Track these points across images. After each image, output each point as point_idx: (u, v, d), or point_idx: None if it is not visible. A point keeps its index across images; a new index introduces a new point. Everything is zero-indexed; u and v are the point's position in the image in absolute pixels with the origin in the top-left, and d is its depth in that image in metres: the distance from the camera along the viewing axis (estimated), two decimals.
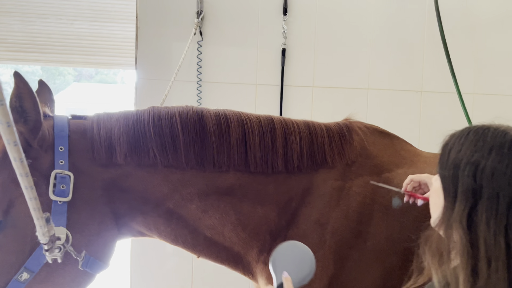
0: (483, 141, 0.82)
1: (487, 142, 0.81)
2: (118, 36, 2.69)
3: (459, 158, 0.83)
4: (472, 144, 0.83)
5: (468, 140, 0.84)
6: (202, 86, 2.42)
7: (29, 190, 0.80)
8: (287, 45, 2.48)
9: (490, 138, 0.82)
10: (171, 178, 1.24)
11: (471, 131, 0.86)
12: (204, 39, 2.42)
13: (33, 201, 0.84)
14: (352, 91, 2.56)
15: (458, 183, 0.82)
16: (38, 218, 0.89)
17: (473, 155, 0.81)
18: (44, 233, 0.94)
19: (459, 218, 0.80)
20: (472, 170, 0.80)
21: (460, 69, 2.53)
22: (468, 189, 0.80)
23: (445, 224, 0.83)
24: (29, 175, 0.78)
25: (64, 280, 1.16)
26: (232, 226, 1.29)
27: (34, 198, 0.83)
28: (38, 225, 0.91)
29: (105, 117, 1.25)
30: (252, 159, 1.28)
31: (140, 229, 1.28)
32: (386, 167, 1.39)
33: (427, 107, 2.62)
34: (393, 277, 1.30)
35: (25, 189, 0.80)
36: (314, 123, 1.40)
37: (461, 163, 0.82)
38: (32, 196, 0.82)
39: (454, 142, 0.87)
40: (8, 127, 0.66)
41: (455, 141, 0.87)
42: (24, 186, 0.79)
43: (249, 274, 1.38)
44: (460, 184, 0.82)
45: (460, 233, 0.79)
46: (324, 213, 1.30)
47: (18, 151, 0.72)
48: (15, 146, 0.70)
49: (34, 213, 0.87)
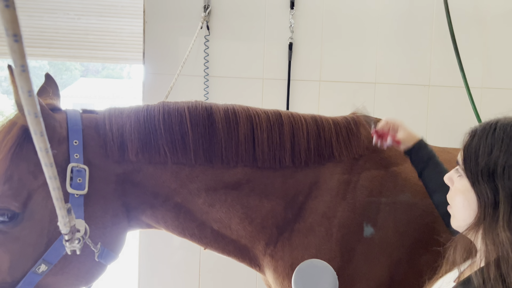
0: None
1: None
2: (125, 31, 2.70)
3: (493, 162, 0.80)
4: (505, 144, 0.79)
5: (496, 140, 0.80)
6: (209, 80, 2.43)
7: (53, 180, 0.81)
8: (294, 39, 2.48)
9: None
10: (180, 174, 1.26)
11: (496, 128, 0.82)
12: (211, 34, 2.42)
13: (56, 191, 0.84)
14: (360, 85, 2.56)
15: (498, 189, 0.79)
16: (60, 208, 0.90)
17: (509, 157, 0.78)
18: (65, 223, 0.95)
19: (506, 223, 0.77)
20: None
21: (469, 63, 2.51)
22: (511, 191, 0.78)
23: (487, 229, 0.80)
24: (54, 165, 0.79)
25: (79, 271, 1.18)
26: (239, 220, 1.30)
27: (57, 188, 0.84)
28: (60, 215, 0.92)
29: (116, 112, 1.26)
30: (260, 155, 1.29)
31: (148, 222, 1.30)
32: (393, 160, 1.39)
33: (435, 102, 2.61)
34: (401, 270, 1.31)
35: (49, 179, 0.80)
36: (322, 117, 1.41)
37: (498, 168, 0.79)
38: (56, 186, 0.83)
39: (479, 143, 0.83)
40: (35, 117, 0.66)
41: (480, 142, 0.83)
42: (48, 176, 0.79)
43: (256, 267, 1.39)
44: (501, 190, 0.78)
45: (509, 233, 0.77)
46: (331, 206, 1.31)
47: (44, 141, 0.72)
48: (42, 137, 0.70)
49: (57, 203, 0.88)
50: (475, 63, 2.61)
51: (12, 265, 1.10)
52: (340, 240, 1.28)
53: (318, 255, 1.28)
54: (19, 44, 0.54)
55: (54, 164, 0.79)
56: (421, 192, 1.35)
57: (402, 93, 2.59)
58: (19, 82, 0.59)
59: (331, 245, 1.28)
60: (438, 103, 2.61)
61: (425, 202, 1.32)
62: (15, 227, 1.10)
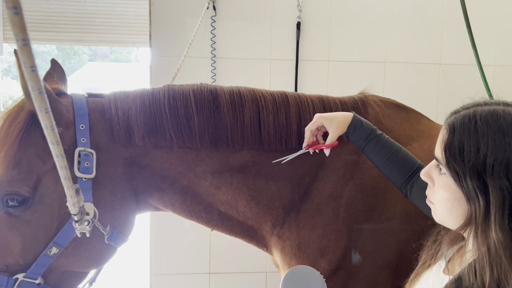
0: (502, 133, 0.74)
1: (508, 134, 0.74)
2: (131, 14, 2.68)
3: (481, 160, 0.75)
4: (490, 138, 0.74)
5: (480, 135, 0.75)
6: (217, 62, 2.41)
7: (60, 158, 0.81)
8: (302, 19, 2.44)
9: (506, 128, 0.74)
10: (186, 158, 1.26)
11: (476, 122, 0.77)
12: (217, 14, 2.39)
13: (64, 170, 0.84)
14: (369, 64, 2.52)
15: (488, 188, 0.74)
16: (68, 187, 0.90)
17: (497, 154, 0.73)
18: (74, 203, 0.96)
19: (498, 226, 0.73)
20: (503, 171, 0.73)
21: (481, 40, 2.45)
22: (502, 190, 0.73)
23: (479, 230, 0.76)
24: (60, 143, 0.78)
25: (89, 254, 1.20)
26: (246, 202, 1.31)
27: (64, 167, 0.84)
28: (68, 195, 0.93)
29: (121, 96, 1.26)
30: (266, 137, 1.28)
31: (156, 204, 1.31)
32: (402, 140, 1.38)
33: (446, 80, 2.56)
34: (408, 251, 1.31)
35: (56, 157, 0.80)
36: (329, 97, 1.39)
37: (487, 167, 0.74)
38: (63, 165, 0.83)
39: (462, 140, 0.77)
40: (39, 93, 0.65)
41: (463, 139, 0.78)
42: (55, 154, 0.80)
43: (264, 247, 1.41)
44: (491, 189, 0.74)
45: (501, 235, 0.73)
46: (338, 187, 1.30)
47: (49, 118, 0.71)
48: (47, 114, 0.69)
49: (64, 182, 0.88)
50: (488, 40, 2.55)
51: (24, 247, 1.13)
52: (347, 220, 1.28)
53: (324, 235, 1.28)
54: (19, 16, 0.53)
55: (60, 142, 0.78)
56: None
57: (413, 72, 2.55)
58: (21, 57, 0.57)
59: (338, 225, 1.28)
60: (449, 81, 2.56)
61: None
62: (26, 210, 1.12)
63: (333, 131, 1.16)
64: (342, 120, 1.16)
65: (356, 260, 1.29)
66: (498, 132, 0.74)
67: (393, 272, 1.31)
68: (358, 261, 1.29)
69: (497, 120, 0.75)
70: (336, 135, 1.17)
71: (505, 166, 0.73)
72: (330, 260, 1.27)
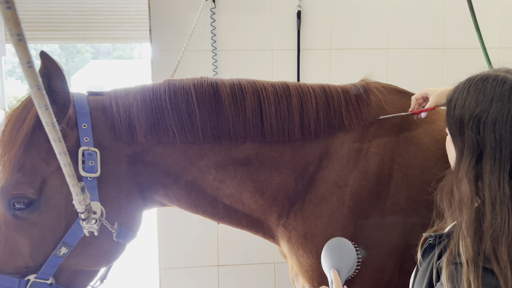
0: (484, 93, 0.86)
1: (487, 94, 0.85)
2: (132, 10, 2.68)
3: (463, 113, 0.87)
4: (474, 97, 0.86)
5: (469, 94, 0.88)
6: (218, 54, 2.40)
7: (63, 156, 0.80)
8: (302, 7, 2.42)
9: (489, 90, 0.85)
10: (189, 153, 1.26)
11: (471, 84, 0.89)
12: (217, 6, 2.38)
13: (67, 167, 0.84)
14: (372, 51, 2.49)
15: (464, 137, 0.87)
16: (73, 185, 0.90)
17: (475, 109, 0.85)
18: (80, 201, 0.96)
19: (465, 170, 0.85)
20: (475, 124, 0.85)
21: (485, 22, 2.42)
22: (473, 142, 0.85)
23: (455, 176, 0.88)
24: (62, 140, 0.78)
25: (98, 252, 1.21)
26: (250, 194, 1.31)
27: (68, 165, 0.84)
28: (74, 193, 0.93)
29: (122, 93, 1.26)
30: (268, 129, 1.28)
31: (162, 200, 1.31)
32: (405, 126, 1.37)
33: (450, 65, 2.53)
34: (415, 236, 1.30)
35: (59, 155, 0.80)
36: (330, 86, 1.38)
37: (465, 118, 0.87)
38: (66, 162, 0.83)
39: (458, 97, 0.90)
40: (38, 90, 0.64)
41: (458, 95, 0.90)
42: (58, 152, 0.79)
43: (271, 238, 1.41)
44: (466, 139, 0.86)
45: (466, 183, 0.84)
46: (342, 175, 1.30)
47: (50, 115, 0.70)
48: (47, 110, 0.69)
49: (69, 180, 0.88)
50: (491, 23, 2.51)
51: (34, 249, 1.14)
52: (353, 208, 1.28)
53: (330, 224, 1.28)
54: (12, 11, 0.52)
55: (62, 139, 0.78)
56: (434, 157, 1.33)
57: (416, 57, 2.52)
58: (17, 53, 0.57)
59: (344, 213, 1.28)
60: (453, 66, 2.53)
61: (438, 167, 1.30)
62: (33, 212, 1.13)
63: (432, 99, 1.31)
64: (442, 92, 1.30)
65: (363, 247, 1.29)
66: (482, 92, 0.86)
67: (400, 258, 1.31)
68: (364, 249, 1.29)
69: (486, 84, 0.87)
70: (434, 102, 1.31)
71: (478, 120, 0.85)
72: None
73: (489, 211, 0.81)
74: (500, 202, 0.81)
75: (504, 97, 0.83)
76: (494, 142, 0.83)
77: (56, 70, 1.07)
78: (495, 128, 0.83)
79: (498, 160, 0.82)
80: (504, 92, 0.84)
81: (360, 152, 1.32)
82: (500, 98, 0.83)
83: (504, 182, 0.81)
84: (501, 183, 0.81)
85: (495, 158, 0.82)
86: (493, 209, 0.81)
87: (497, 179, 0.82)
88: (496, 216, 0.80)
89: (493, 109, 0.83)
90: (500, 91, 0.84)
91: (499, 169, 0.82)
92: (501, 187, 0.81)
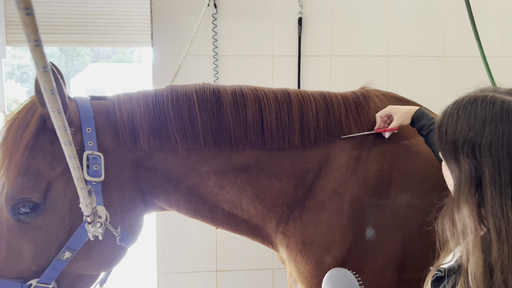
0: (475, 117, 0.82)
1: (479, 117, 0.82)
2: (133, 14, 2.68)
3: (456, 138, 0.84)
4: (465, 121, 0.83)
5: (460, 118, 0.84)
6: (219, 60, 2.41)
7: (73, 159, 0.81)
8: (303, 14, 2.43)
9: (480, 112, 0.82)
10: (190, 159, 1.27)
11: (460, 107, 0.86)
12: (218, 12, 2.39)
13: (77, 170, 0.85)
14: (372, 59, 2.51)
15: (460, 164, 0.83)
16: (81, 188, 0.91)
17: (468, 134, 0.82)
18: (87, 204, 0.96)
19: (465, 197, 0.81)
20: (470, 149, 0.81)
21: (485, 31, 2.43)
22: (470, 168, 0.81)
23: (456, 205, 0.84)
24: (72, 144, 0.79)
25: (101, 256, 1.21)
26: (250, 200, 1.31)
27: (77, 168, 0.84)
28: (81, 196, 0.94)
29: (125, 98, 1.26)
30: (268, 136, 1.29)
31: (162, 205, 1.32)
32: (404, 134, 1.38)
33: (450, 73, 2.55)
34: (414, 243, 1.30)
35: (69, 158, 0.81)
36: (331, 93, 1.39)
37: (459, 144, 0.83)
38: (76, 165, 0.83)
39: (448, 122, 0.87)
40: (52, 94, 0.65)
41: (448, 120, 0.87)
42: (68, 155, 0.80)
43: (269, 244, 1.41)
44: (462, 165, 0.83)
45: (468, 212, 0.80)
46: (342, 182, 1.30)
47: (62, 119, 0.72)
48: (59, 114, 0.70)
49: (77, 183, 0.89)
50: (491, 31, 2.53)
51: (37, 253, 1.13)
52: (352, 215, 1.28)
53: (329, 231, 1.28)
54: (31, 17, 0.53)
55: (72, 143, 0.79)
56: (433, 165, 1.33)
57: (416, 65, 2.53)
58: (33, 58, 0.58)
59: (343, 220, 1.28)
60: (453, 74, 2.55)
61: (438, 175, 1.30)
62: (37, 217, 1.13)
63: (396, 119, 1.32)
64: (406, 112, 1.32)
65: (362, 254, 1.29)
66: (472, 116, 0.83)
67: (399, 265, 1.31)
68: (363, 256, 1.29)
69: (475, 106, 0.83)
70: (398, 123, 1.32)
71: (472, 145, 0.81)
72: (335, 255, 1.27)
73: (495, 241, 0.77)
74: (506, 230, 0.76)
75: (497, 118, 0.80)
76: (492, 166, 0.79)
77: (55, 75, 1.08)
78: (491, 152, 0.79)
79: (499, 185, 0.78)
80: (496, 113, 0.80)
81: (359, 159, 1.32)
82: (492, 120, 0.80)
83: (507, 208, 0.77)
84: (504, 210, 0.77)
85: (495, 183, 0.78)
86: (499, 238, 0.77)
87: (499, 206, 0.77)
88: (502, 246, 0.76)
89: (487, 132, 0.80)
90: (491, 113, 0.81)
91: (500, 195, 0.78)
92: (505, 214, 0.77)
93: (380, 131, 1.34)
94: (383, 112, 1.35)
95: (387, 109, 1.34)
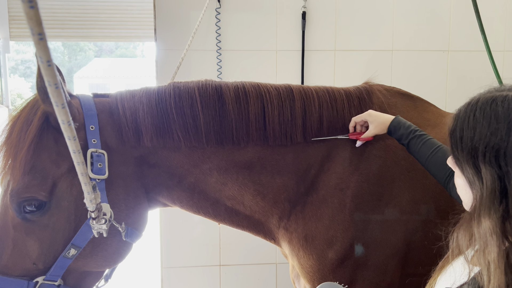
0: (496, 120, 0.73)
1: (501, 119, 0.73)
2: (136, 8, 2.68)
3: (475, 145, 0.75)
4: (486, 126, 0.74)
5: (478, 122, 0.75)
6: (222, 54, 2.40)
7: (77, 154, 0.81)
8: (307, 8, 2.41)
9: (502, 114, 0.73)
10: (192, 156, 1.27)
11: (476, 109, 0.77)
12: (222, 6, 2.38)
13: (81, 165, 0.85)
14: (376, 53, 2.49)
15: (481, 174, 0.75)
16: (86, 183, 0.91)
17: (490, 139, 0.73)
18: (91, 199, 0.96)
19: (487, 211, 0.73)
20: (493, 157, 0.73)
21: (490, 25, 2.41)
22: (494, 178, 0.73)
23: (476, 218, 0.76)
24: (77, 138, 0.79)
25: (107, 252, 1.21)
26: (252, 196, 1.31)
27: (81, 163, 0.84)
28: (86, 191, 0.94)
29: (127, 95, 1.26)
30: (271, 133, 1.29)
31: (165, 201, 1.33)
32: None
33: (455, 67, 2.53)
34: (417, 238, 1.30)
35: (73, 153, 0.81)
36: (334, 88, 1.38)
37: (479, 152, 0.74)
38: (80, 160, 0.83)
39: (462, 126, 0.78)
40: (56, 88, 0.65)
41: (463, 125, 0.78)
42: (72, 150, 0.80)
43: (272, 239, 1.41)
44: (483, 175, 0.74)
45: (490, 227, 0.73)
46: (344, 178, 1.30)
47: (66, 113, 0.71)
48: (63, 109, 0.70)
49: (82, 178, 0.89)
50: (497, 25, 2.50)
51: (43, 251, 1.14)
52: (354, 210, 1.28)
53: (331, 226, 1.28)
54: (35, 10, 0.53)
55: (77, 137, 0.79)
56: None
57: (420, 59, 2.52)
58: (37, 52, 0.57)
59: (345, 215, 1.28)
60: (458, 68, 2.53)
61: None
62: (43, 215, 1.13)
63: (371, 128, 1.28)
64: (382, 121, 1.27)
65: (364, 250, 1.29)
66: (494, 119, 0.74)
67: (402, 261, 1.31)
68: (365, 251, 1.29)
69: (495, 107, 0.75)
70: (373, 133, 1.28)
71: (496, 152, 0.72)
72: (338, 250, 1.28)
73: None
74: None
75: None
76: None
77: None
78: None
79: None
80: None
81: (362, 154, 1.32)
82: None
83: None
84: None
85: None
86: None
87: None
88: None
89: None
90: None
91: None
92: None
93: (354, 137, 1.31)
94: (360, 117, 1.30)
95: (364, 115, 1.30)
